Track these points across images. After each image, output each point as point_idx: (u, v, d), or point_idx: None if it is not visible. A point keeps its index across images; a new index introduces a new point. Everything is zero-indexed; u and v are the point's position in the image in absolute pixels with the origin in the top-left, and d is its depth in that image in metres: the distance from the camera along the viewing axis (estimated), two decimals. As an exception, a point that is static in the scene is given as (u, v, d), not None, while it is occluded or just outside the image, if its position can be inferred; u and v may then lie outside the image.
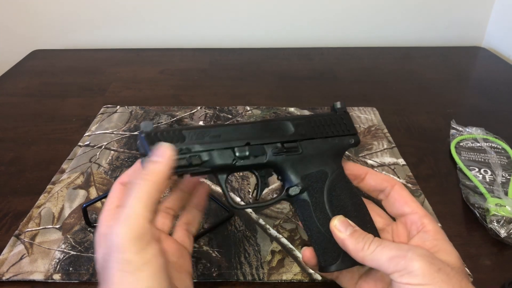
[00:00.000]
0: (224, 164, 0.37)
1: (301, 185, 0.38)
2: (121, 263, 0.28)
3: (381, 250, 0.32)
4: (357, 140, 0.41)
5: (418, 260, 0.30)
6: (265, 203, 0.40)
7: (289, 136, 0.39)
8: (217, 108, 0.75)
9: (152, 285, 0.28)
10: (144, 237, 0.29)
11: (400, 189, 0.38)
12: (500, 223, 0.48)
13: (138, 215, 0.30)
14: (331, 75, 0.91)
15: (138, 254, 0.28)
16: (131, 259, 0.28)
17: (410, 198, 0.38)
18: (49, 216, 0.51)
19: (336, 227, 0.35)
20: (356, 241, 0.33)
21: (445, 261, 0.32)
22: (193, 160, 0.36)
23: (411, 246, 0.32)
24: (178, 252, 0.38)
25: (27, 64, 0.96)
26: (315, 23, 1.05)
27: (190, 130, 0.36)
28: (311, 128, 0.39)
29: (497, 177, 0.56)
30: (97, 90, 0.84)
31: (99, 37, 1.05)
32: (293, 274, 0.44)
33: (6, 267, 0.44)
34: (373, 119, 0.72)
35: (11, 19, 1.02)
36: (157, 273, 0.29)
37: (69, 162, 0.61)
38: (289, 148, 0.38)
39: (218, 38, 1.06)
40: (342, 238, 0.34)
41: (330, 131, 0.40)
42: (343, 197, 0.38)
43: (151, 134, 0.35)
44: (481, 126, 0.67)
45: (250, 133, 0.38)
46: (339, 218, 0.36)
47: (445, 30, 1.08)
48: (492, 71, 0.94)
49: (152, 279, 0.29)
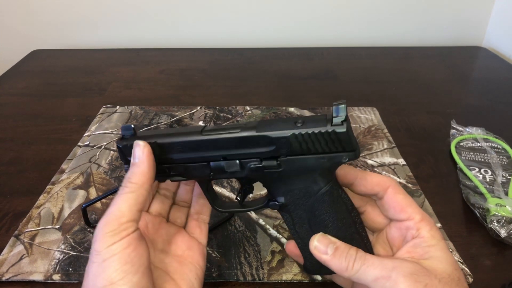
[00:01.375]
0: (200, 176, 0.36)
1: (282, 201, 0.35)
2: (93, 254, 0.30)
3: (365, 270, 0.31)
4: (354, 157, 0.33)
5: (402, 282, 0.29)
6: (248, 208, 0.39)
7: (269, 152, 0.34)
8: (217, 108, 0.75)
9: (114, 276, 0.29)
10: (119, 234, 0.30)
11: (393, 193, 0.35)
12: (501, 223, 0.48)
13: (119, 212, 0.31)
14: (331, 75, 0.90)
15: (108, 247, 0.30)
16: (100, 250, 0.30)
17: (405, 203, 0.35)
18: (48, 216, 0.51)
19: (316, 248, 0.34)
20: (339, 262, 0.32)
21: (435, 270, 0.31)
22: (172, 169, 0.36)
23: (396, 264, 0.31)
24: (185, 244, 0.38)
25: (27, 64, 0.96)
26: (315, 23, 1.05)
27: (168, 139, 0.35)
28: (296, 143, 0.33)
29: (497, 177, 0.56)
30: (97, 90, 0.83)
31: (99, 37, 1.05)
32: (293, 274, 0.44)
33: (5, 268, 0.44)
34: (373, 119, 0.72)
35: (11, 19, 1.02)
36: (122, 266, 0.29)
37: (68, 162, 0.61)
38: (268, 166, 0.34)
39: (218, 38, 1.06)
40: (324, 260, 0.33)
41: (319, 148, 0.33)
42: (327, 217, 0.35)
43: (127, 145, 0.35)
44: (481, 126, 0.67)
45: (228, 146, 0.34)
46: (318, 238, 0.34)
47: (445, 30, 1.07)
48: (492, 71, 0.94)
49: (116, 272, 0.29)
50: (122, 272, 0.29)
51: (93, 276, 0.29)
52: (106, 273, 0.29)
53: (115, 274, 0.29)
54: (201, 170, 0.36)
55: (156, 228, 0.39)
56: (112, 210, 0.31)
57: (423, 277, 0.30)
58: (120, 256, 0.30)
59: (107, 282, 0.29)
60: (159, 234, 0.38)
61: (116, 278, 0.29)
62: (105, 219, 0.31)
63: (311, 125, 0.32)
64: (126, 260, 0.30)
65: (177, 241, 0.38)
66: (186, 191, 0.42)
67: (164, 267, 0.36)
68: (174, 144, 0.35)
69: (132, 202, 0.32)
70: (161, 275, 0.35)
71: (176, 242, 0.38)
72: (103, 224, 0.31)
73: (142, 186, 0.33)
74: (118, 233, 0.30)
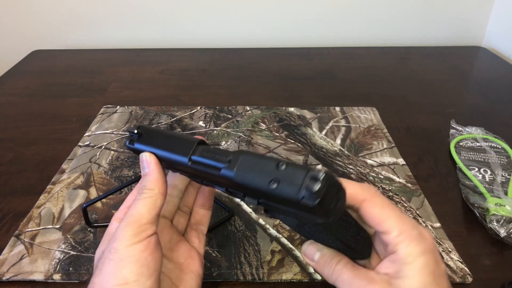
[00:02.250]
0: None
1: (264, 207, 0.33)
2: (111, 252, 0.31)
3: (339, 284, 0.33)
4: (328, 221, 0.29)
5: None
6: None
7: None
8: (217, 108, 0.75)
9: (129, 277, 0.30)
10: (138, 235, 0.31)
11: (368, 207, 0.32)
12: (500, 223, 0.48)
13: (139, 215, 0.32)
14: (331, 75, 0.91)
15: (127, 247, 0.30)
16: (119, 249, 0.30)
17: (381, 217, 0.32)
18: (49, 216, 0.51)
19: (305, 255, 0.35)
20: (322, 269, 0.34)
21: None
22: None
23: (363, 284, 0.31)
24: (186, 253, 0.39)
25: (27, 64, 0.96)
26: (315, 23, 1.05)
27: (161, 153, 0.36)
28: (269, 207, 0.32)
29: (496, 176, 0.56)
30: (97, 90, 0.84)
31: (99, 37, 1.05)
32: (293, 274, 0.44)
33: (6, 267, 0.44)
34: (373, 119, 0.72)
35: (11, 19, 1.02)
36: (138, 268, 0.30)
37: (69, 162, 0.61)
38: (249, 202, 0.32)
39: (218, 38, 1.06)
40: (312, 266, 0.35)
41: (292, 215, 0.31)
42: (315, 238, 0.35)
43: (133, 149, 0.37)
44: (481, 126, 0.67)
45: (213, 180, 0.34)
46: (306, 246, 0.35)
47: (445, 30, 1.08)
48: (492, 71, 0.94)
49: (132, 273, 0.30)
50: (137, 274, 0.30)
51: (108, 273, 0.30)
52: (121, 272, 0.30)
53: (130, 275, 0.30)
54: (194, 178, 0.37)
55: (160, 231, 0.39)
56: (133, 213, 0.33)
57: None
58: (137, 258, 0.30)
59: (121, 281, 0.29)
60: (163, 238, 0.38)
61: (130, 279, 0.30)
62: (126, 221, 0.32)
63: (284, 185, 0.28)
64: (143, 263, 0.31)
65: (179, 249, 0.39)
66: (191, 194, 0.42)
67: (167, 272, 0.37)
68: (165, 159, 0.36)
69: (150, 206, 0.33)
70: (164, 279, 0.36)
71: (178, 250, 0.39)
72: (124, 225, 0.32)
73: (158, 191, 0.34)
74: (138, 234, 0.31)
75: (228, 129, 0.69)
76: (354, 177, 0.58)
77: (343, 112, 0.74)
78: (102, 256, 0.32)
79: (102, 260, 0.31)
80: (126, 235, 0.31)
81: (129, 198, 0.37)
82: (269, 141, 0.66)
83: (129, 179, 0.57)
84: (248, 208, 0.52)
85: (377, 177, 0.58)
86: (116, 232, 0.32)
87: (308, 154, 0.63)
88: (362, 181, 0.57)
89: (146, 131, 0.37)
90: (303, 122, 0.71)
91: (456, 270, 0.44)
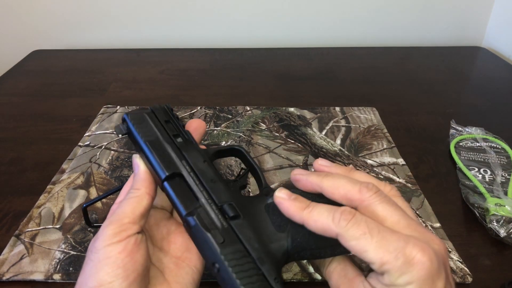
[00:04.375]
0: None
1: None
2: (92, 252, 0.31)
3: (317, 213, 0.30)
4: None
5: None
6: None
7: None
8: (217, 108, 0.75)
9: (105, 279, 0.30)
10: (118, 234, 0.31)
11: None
12: (500, 223, 0.48)
13: (122, 214, 0.32)
14: (331, 75, 0.91)
15: (106, 247, 0.30)
16: (99, 249, 0.31)
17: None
18: (49, 216, 0.51)
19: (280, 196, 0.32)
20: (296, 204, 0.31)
21: None
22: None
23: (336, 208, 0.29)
24: (184, 246, 0.37)
25: (27, 64, 0.96)
26: (315, 23, 1.05)
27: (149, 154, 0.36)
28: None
29: (496, 177, 0.56)
30: (97, 90, 0.84)
31: (99, 37, 1.05)
32: (293, 274, 0.44)
33: (6, 267, 0.44)
34: (372, 119, 0.72)
35: (11, 19, 1.02)
36: (114, 270, 0.30)
37: (69, 162, 0.61)
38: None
39: (218, 38, 1.06)
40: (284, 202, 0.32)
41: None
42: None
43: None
44: (480, 126, 0.67)
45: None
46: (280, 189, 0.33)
47: (445, 30, 1.08)
48: (492, 71, 0.94)
49: (107, 275, 0.30)
50: (113, 276, 0.30)
51: (87, 274, 0.30)
52: (98, 274, 0.30)
53: (106, 277, 0.30)
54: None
55: (157, 223, 0.38)
56: (117, 212, 0.33)
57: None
58: (113, 260, 0.30)
59: (97, 283, 0.29)
60: (160, 230, 0.38)
61: (106, 281, 0.30)
62: (109, 220, 0.32)
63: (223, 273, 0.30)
64: (119, 264, 0.30)
65: (177, 241, 0.38)
66: None
67: (161, 267, 0.36)
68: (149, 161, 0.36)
69: (135, 205, 0.33)
70: (156, 274, 0.35)
71: (176, 242, 0.38)
72: (107, 224, 0.32)
73: (145, 191, 0.34)
74: (118, 234, 0.31)
75: (228, 129, 0.69)
76: (354, 177, 0.58)
77: (343, 112, 0.74)
78: (86, 254, 0.32)
79: (85, 259, 0.32)
80: (106, 234, 0.31)
81: (116, 201, 0.37)
82: (269, 141, 0.66)
83: (129, 179, 0.57)
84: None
85: (377, 177, 0.58)
86: (99, 231, 0.32)
87: (308, 154, 0.63)
88: (362, 181, 0.57)
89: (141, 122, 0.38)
90: (303, 122, 0.71)
91: (456, 270, 0.45)
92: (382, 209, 0.30)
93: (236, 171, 0.58)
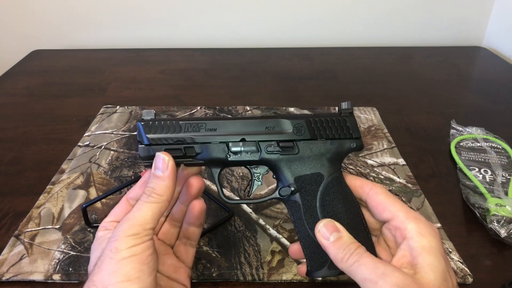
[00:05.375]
0: (217, 158, 0.37)
1: (293, 186, 0.37)
2: (112, 251, 0.31)
3: (357, 268, 0.31)
4: (360, 145, 0.38)
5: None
6: (256, 200, 0.39)
7: (286, 135, 0.38)
8: (217, 108, 0.75)
9: (131, 273, 0.31)
10: (140, 238, 0.32)
11: (374, 194, 0.36)
12: (500, 223, 0.48)
13: (143, 219, 0.33)
14: (331, 75, 0.90)
15: (129, 248, 0.31)
16: (121, 249, 0.31)
17: (387, 202, 0.35)
18: (49, 216, 0.51)
19: (320, 232, 0.34)
20: (337, 251, 0.33)
21: (425, 284, 0.30)
22: (187, 151, 0.37)
23: (387, 271, 0.30)
24: (172, 268, 0.39)
25: (27, 64, 0.96)
26: (315, 23, 1.05)
27: (187, 121, 0.37)
28: (311, 128, 0.38)
29: (497, 177, 0.56)
30: (97, 90, 0.83)
31: (99, 37, 1.05)
32: (293, 274, 0.44)
33: (6, 268, 0.44)
34: (373, 119, 0.72)
35: (11, 19, 1.02)
36: (140, 265, 0.31)
37: (69, 162, 0.61)
38: (285, 147, 0.37)
39: (218, 38, 1.06)
40: (325, 245, 0.34)
41: (330, 134, 0.38)
42: (337, 202, 0.36)
43: (149, 123, 0.37)
44: (481, 126, 0.67)
45: (246, 128, 0.37)
46: (325, 223, 0.35)
47: (445, 30, 1.07)
48: (492, 71, 0.94)
49: (133, 269, 0.31)
50: (139, 271, 0.31)
51: (109, 271, 0.31)
52: (124, 269, 0.31)
53: (133, 272, 0.31)
54: (219, 150, 0.37)
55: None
56: (137, 215, 0.33)
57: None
58: (140, 257, 0.31)
59: (124, 278, 0.30)
60: None
61: (133, 276, 0.31)
62: (130, 222, 0.33)
63: (323, 115, 0.38)
64: (144, 261, 0.31)
65: (166, 262, 0.39)
66: (181, 211, 0.41)
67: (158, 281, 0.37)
68: (195, 123, 0.37)
69: (156, 212, 0.34)
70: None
71: (165, 263, 0.39)
72: (127, 226, 0.32)
73: (166, 199, 0.34)
74: (141, 237, 0.32)
75: (228, 129, 0.68)
76: (354, 177, 0.58)
77: (343, 112, 0.74)
78: (102, 254, 0.32)
79: (101, 259, 0.31)
80: (129, 238, 0.31)
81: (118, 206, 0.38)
82: (269, 141, 0.65)
83: (128, 179, 0.57)
84: (248, 208, 0.52)
85: (378, 177, 0.58)
86: (117, 232, 0.32)
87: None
88: (362, 181, 0.57)
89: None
90: (303, 122, 0.71)
91: (457, 270, 0.44)
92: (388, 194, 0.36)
93: (236, 172, 0.58)
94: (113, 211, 0.37)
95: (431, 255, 0.32)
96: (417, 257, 0.32)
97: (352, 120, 0.38)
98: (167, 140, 0.37)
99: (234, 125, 0.37)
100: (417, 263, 0.31)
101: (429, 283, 0.30)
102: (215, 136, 0.37)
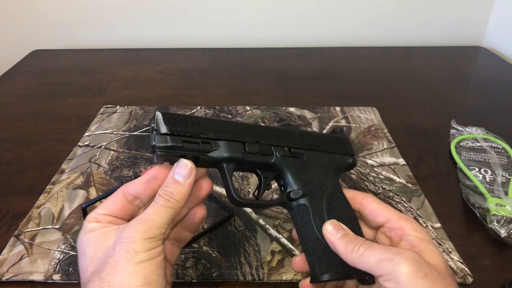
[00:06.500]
0: (234, 156, 0.37)
1: (302, 190, 0.39)
2: (131, 253, 0.31)
3: (370, 253, 0.32)
4: (354, 162, 0.44)
5: (405, 265, 0.30)
6: (267, 202, 0.40)
7: (296, 143, 0.41)
8: (217, 108, 0.75)
9: (151, 277, 0.31)
10: (156, 240, 0.32)
11: (367, 203, 0.39)
12: (500, 223, 0.48)
13: (160, 223, 0.33)
14: (331, 75, 0.90)
15: (148, 251, 0.31)
16: (139, 252, 0.31)
17: (380, 208, 0.38)
18: (48, 216, 0.51)
19: (328, 230, 0.36)
20: (346, 244, 0.34)
21: (433, 263, 0.32)
22: (204, 146, 0.36)
23: (400, 250, 0.32)
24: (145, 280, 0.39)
25: (27, 64, 0.96)
26: (315, 23, 1.05)
27: (205, 118, 0.38)
28: (316, 142, 0.43)
29: (497, 177, 0.56)
30: (97, 90, 0.83)
31: (99, 37, 1.05)
32: (293, 274, 0.44)
33: (5, 268, 0.44)
34: (373, 119, 0.72)
35: (11, 19, 1.02)
36: (157, 269, 0.32)
37: (68, 162, 0.61)
38: (295, 153, 0.41)
39: (218, 38, 1.06)
40: (333, 240, 0.35)
41: (332, 148, 0.43)
42: (340, 208, 0.39)
43: (168, 114, 0.36)
44: (481, 126, 0.67)
45: (261, 133, 0.40)
46: (331, 222, 0.36)
47: (445, 30, 1.07)
48: (492, 71, 0.94)
49: (152, 273, 0.31)
50: (157, 275, 0.31)
51: (127, 273, 0.30)
52: (143, 273, 0.30)
53: (152, 276, 0.31)
54: (236, 149, 0.38)
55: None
56: (156, 219, 0.33)
57: (424, 266, 0.31)
58: (157, 261, 0.32)
59: (144, 281, 0.30)
60: None
61: (152, 279, 0.31)
62: (147, 225, 0.32)
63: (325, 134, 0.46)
64: (159, 265, 0.32)
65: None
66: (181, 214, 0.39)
67: None
68: (215, 121, 0.38)
69: (171, 217, 0.34)
70: None
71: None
72: (144, 229, 0.32)
73: (181, 206, 0.35)
74: (157, 241, 0.32)
75: (228, 129, 0.68)
76: (354, 177, 0.58)
77: (344, 112, 0.74)
78: (113, 254, 0.31)
79: (115, 258, 0.31)
80: (146, 241, 0.31)
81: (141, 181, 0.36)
82: (269, 141, 0.65)
83: (128, 179, 0.57)
84: (248, 208, 0.52)
85: (378, 177, 0.58)
86: (133, 233, 0.31)
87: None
88: (362, 181, 0.57)
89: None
90: (303, 122, 0.71)
91: (457, 270, 0.44)
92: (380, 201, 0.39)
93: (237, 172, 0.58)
94: (106, 203, 0.35)
95: (430, 243, 0.34)
96: (418, 246, 0.34)
97: (347, 141, 0.46)
98: (185, 132, 0.36)
99: (250, 128, 0.40)
100: (420, 251, 0.33)
101: (437, 264, 0.32)
102: (233, 134, 0.38)
